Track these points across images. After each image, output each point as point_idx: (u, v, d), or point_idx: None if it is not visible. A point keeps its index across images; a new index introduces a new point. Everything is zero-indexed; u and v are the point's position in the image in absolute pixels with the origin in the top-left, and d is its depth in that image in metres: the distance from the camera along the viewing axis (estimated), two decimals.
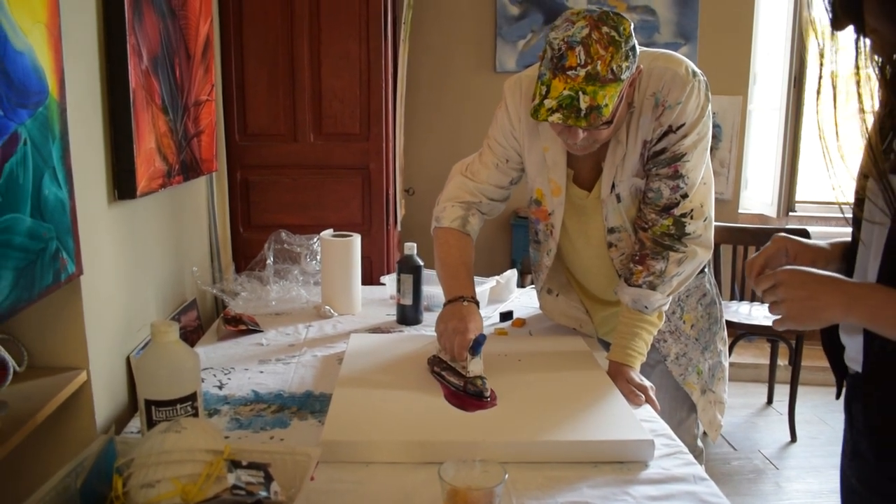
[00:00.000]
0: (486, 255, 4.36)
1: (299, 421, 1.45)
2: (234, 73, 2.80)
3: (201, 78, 2.20)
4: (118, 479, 1.02)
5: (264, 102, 2.84)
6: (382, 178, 2.93)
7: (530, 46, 4.21)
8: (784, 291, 1.10)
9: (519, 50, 4.21)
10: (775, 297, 1.11)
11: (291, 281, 2.34)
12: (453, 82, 4.29)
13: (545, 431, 1.34)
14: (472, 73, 4.28)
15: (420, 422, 1.38)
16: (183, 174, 2.02)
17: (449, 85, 4.30)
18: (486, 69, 4.27)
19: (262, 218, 2.89)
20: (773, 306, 1.12)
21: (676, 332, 1.82)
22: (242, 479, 1.00)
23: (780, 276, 1.11)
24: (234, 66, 2.80)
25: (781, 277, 1.11)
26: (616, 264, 1.76)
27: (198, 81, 2.16)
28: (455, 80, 4.29)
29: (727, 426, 3.58)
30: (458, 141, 4.27)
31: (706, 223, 1.65)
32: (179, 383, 1.20)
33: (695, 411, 1.84)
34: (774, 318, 1.13)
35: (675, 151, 1.59)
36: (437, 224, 1.83)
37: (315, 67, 2.83)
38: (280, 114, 2.86)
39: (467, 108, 4.28)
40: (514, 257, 4.28)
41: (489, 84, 4.24)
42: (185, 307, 2.14)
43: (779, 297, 1.10)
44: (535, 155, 1.75)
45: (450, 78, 4.29)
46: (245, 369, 1.73)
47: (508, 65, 4.22)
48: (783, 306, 1.10)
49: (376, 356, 1.72)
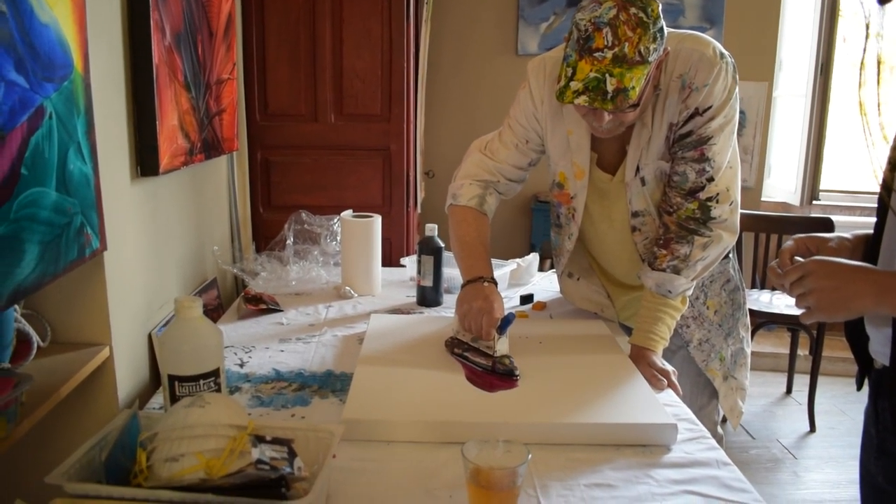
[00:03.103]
0: (505, 239, 4.35)
1: (320, 399, 1.46)
2: (255, 52, 2.80)
3: (223, 56, 2.19)
4: (142, 452, 1.03)
5: (285, 82, 2.84)
6: (403, 159, 2.92)
7: (553, 29, 4.18)
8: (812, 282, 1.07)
9: (541, 32, 4.18)
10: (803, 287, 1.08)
11: (311, 261, 2.35)
12: (474, 64, 4.27)
13: (568, 414, 1.34)
14: (493, 56, 4.25)
15: (442, 402, 1.38)
16: (205, 152, 2.03)
17: (470, 67, 4.27)
18: (507, 52, 4.24)
19: (282, 198, 2.90)
20: (801, 298, 1.09)
21: (700, 318, 1.80)
22: (267, 455, 1.00)
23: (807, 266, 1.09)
24: (256, 44, 2.80)
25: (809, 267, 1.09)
26: (640, 248, 1.75)
27: (220, 59, 2.16)
28: (476, 63, 4.27)
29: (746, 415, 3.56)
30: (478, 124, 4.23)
31: (732, 207, 1.63)
32: (203, 359, 1.20)
33: (716, 397, 1.83)
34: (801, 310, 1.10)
35: (702, 134, 1.57)
36: (453, 201, 1.83)
37: (337, 47, 2.82)
38: (301, 93, 2.85)
39: (488, 91, 4.26)
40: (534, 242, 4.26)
41: (511, 67, 4.21)
42: (206, 286, 2.15)
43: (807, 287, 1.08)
44: (558, 137, 1.73)
45: (471, 60, 4.27)
46: (266, 348, 1.73)
47: (530, 47, 4.18)
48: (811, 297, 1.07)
49: (397, 336, 1.72)
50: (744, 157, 4.35)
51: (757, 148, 4.38)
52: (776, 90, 4.41)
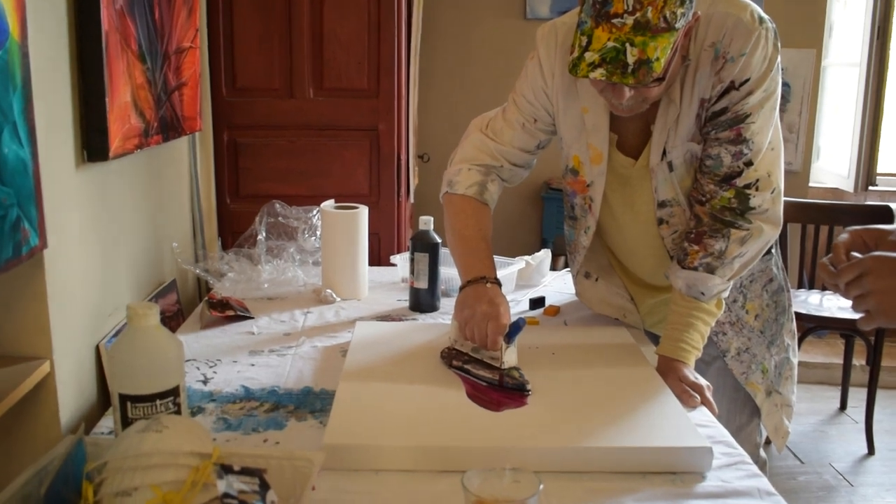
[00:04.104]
0: (511, 233, 4.35)
1: (297, 422, 1.45)
2: (221, 17, 2.79)
3: (184, 21, 2.19)
4: (88, 485, 1.02)
5: (256, 51, 2.83)
6: (393, 141, 2.92)
7: None
8: (872, 281, 1.07)
9: None
10: (861, 288, 1.08)
11: (287, 260, 2.34)
12: (477, 30, 4.26)
13: (585, 436, 1.34)
14: (498, 20, 4.25)
15: (439, 424, 1.37)
16: (162, 133, 2.02)
17: (472, 33, 4.26)
18: (514, 15, 4.23)
19: (252, 186, 2.89)
20: (859, 300, 1.09)
21: (738, 324, 1.80)
22: (234, 487, 1.00)
23: (866, 263, 1.09)
24: (222, 8, 2.79)
25: (868, 265, 1.08)
26: (667, 244, 1.75)
27: (180, 25, 2.15)
28: (479, 28, 4.26)
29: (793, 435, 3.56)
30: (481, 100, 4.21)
31: (774, 195, 1.63)
32: (160, 375, 1.20)
33: (757, 416, 1.83)
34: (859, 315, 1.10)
35: (738, 111, 1.57)
36: (449, 189, 1.83)
37: (316, 10, 2.82)
38: (274, 65, 2.84)
39: (492, 61, 4.25)
40: (546, 236, 4.26)
41: (518, 33, 4.20)
42: (164, 289, 2.14)
43: (866, 288, 1.08)
44: (571, 117, 1.73)
45: (473, 25, 4.26)
46: (233, 362, 1.73)
47: (541, 11, 4.18)
48: (871, 299, 1.07)
49: (386, 347, 1.72)
50: (789, 137, 4.35)
51: (803, 126, 4.38)
52: (825, 58, 4.41)
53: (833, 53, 4.49)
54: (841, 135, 4.56)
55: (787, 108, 4.33)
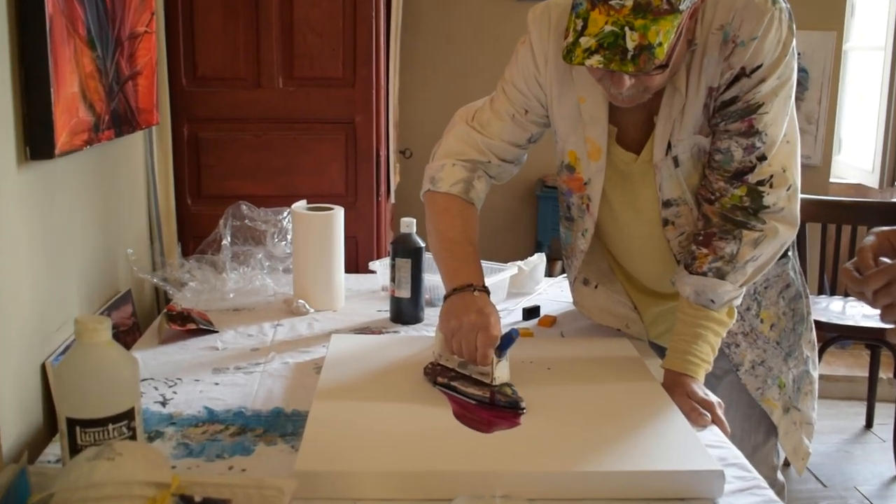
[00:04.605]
0: (502, 236, 4.35)
1: (266, 446, 1.45)
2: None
3: (138, 3, 2.18)
4: None
5: (219, 36, 2.83)
6: (372, 134, 2.92)
7: None
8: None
9: None
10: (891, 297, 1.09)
11: (254, 267, 2.34)
12: (463, 13, 4.27)
13: (584, 459, 1.34)
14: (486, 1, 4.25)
15: (423, 447, 1.37)
16: (114, 128, 2.02)
17: (457, 16, 4.27)
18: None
19: (216, 186, 2.89)
20: (888, 310, 1.10)
21: (752, 334, 1.81)
22: None
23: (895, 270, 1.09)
24: None
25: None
26: (674, 247, 1.76)
27: (133, 8, 2.15)
28: (465, 10, 4.27)
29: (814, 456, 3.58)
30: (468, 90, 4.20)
31: (790, 193, 1.64)
32: (112, 397, 1.19)
33: (774, 435, 1.84)
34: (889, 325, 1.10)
35: (750, 101, 1.58)
36: (432, 187, 1.83)
37: None
38: (239, 51, 2.84)
39: (480, 47, 4.26)
40: (541, 239, 4.27)
41: (508, 15, 4.21)
42: (117, 301, 2.14)
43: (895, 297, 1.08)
44: (567, 107, 1.74)
45: (458, 7, 4.26)
46: (195, 381, 1.73)
47: None
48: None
49: (365, 363, 1.72)
50: (807, 128, 4.37)
51: (823, 116, 4.40)
52: (847, 42, 4.43)
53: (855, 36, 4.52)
54: (864, 125, 4.58)
55: (804, 97, 4.36)
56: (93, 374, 1.19)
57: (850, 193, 4.47)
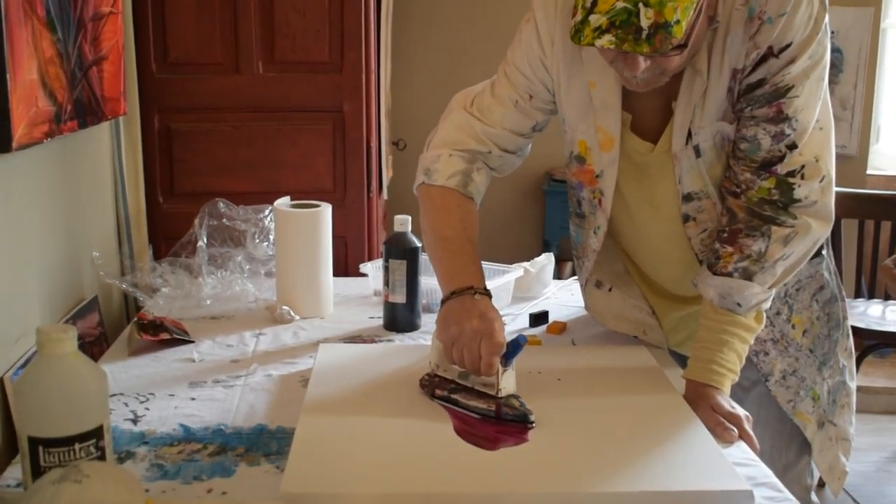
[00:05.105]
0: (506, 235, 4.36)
1: (248, 467, 1.45)
2: None
3: None
4: None
5: (193, 17, 2.83)
6: (362, 124, 2.92)
7: None
8: None
9: None
10: None
11: (234, 271, 2.34)
12: None
13: (598, 479, 1.34)
14: None
15: (421, 466, 1.37)
16: (78, 118, 2.02)
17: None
18: None
19: (190, 182, 2.89)
20: None
21: (783, 341, 1.81)
22: None
23: None
24: None
25: None
26: (695, 245, 1.76)
27: None
28: None
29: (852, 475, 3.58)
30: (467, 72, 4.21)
31: (823, 184, 1.64)
32: (79, 414, 1.19)
33: (808, 452, 1.85)
34: None
35: (779, 84, 1.58)
36: (427, 179, 1.83)
37: None
38: (215, 34, 2.84)
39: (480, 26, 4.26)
40: (548, 238, 4.27)
41: None
42: (83, 309, 2.14)
43: None
44: (576, 93, 1.74)
45: None
46: (169, 395, 1.72)
47: None
48: None
49: (356, 375, 1.72)
50: (842, 115, 4.37)
51: (859, 101, 4.40)
52: (886, 19, 4.44)
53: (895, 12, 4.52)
54: None
55: (838, 80, 4.36)
56: (57, 389, 1.18)
57: (890, 186, 4.47)
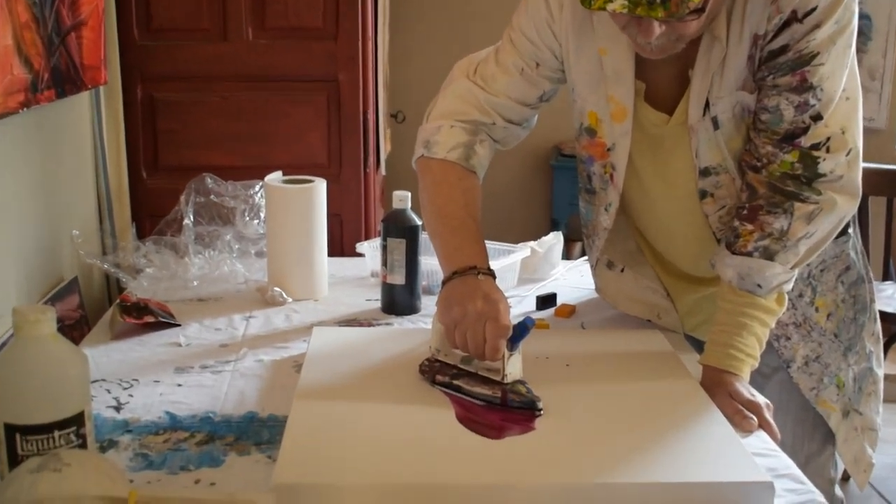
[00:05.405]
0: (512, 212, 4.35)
1: (238, 456, 1.45)
2: None
3: None
4: None
5: None
6: (358, 95, 2.92)
7: None
8: None
9: None
10: None
11: (222, 251, 2.34)
12: None
13: (609, 470, 1.34)
14: None
15: (420, 456, 1.38)
16: (56, 87, 2.01)
17: None
18: None
19: (176, 156, 2.89)
20: None
21: (805, 325, 1.81)
22: None
23: None
24: None
25: None
26: (713, 223, 1.76)
27: None
28: None
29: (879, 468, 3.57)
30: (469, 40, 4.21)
31: (850, 158, 1.64)
32: (58, 399, 1.19)
33: (832, 443, 1.85)
34: None
35: (803, 50, 1.57)
36: (426, 152, 1.82)
37: None
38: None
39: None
40: (557, 217, 4.27)
41: None
42: (62, 290, 2.14)
43: None
44: (586, 61, 1.73)
45: None
46: (154, 382, 1.73)
47: None
48: None
49: (352, 360, 1.72)
50: (870, 85, 4.36)
51: (889, 71, 4.39)
52: None
53: None
54: None
55: (867, 48, 4.35)
56: (35, 373, 1.18)
57: None
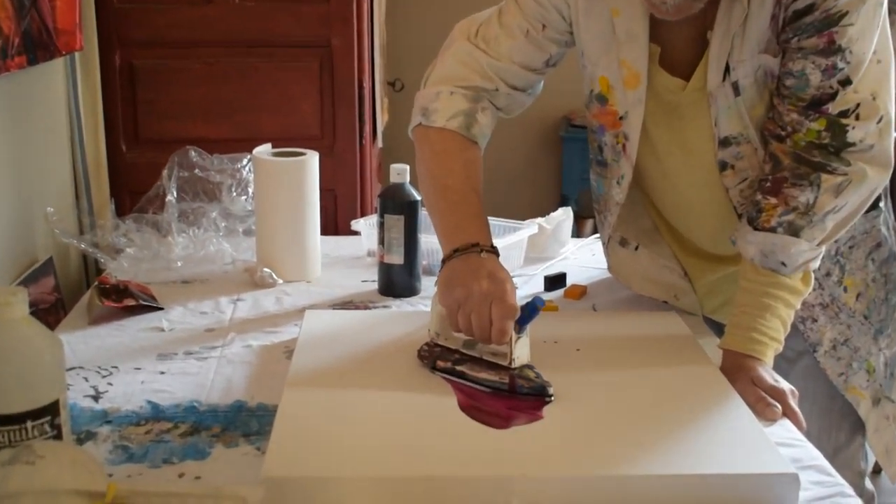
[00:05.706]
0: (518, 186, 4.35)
1: (225, 448, 1.45)
2: None
3: None
4: None
5: None
6: (353, 61, 2.92)
7: None
8: None
9: None
10: None
11: (207, 229, 2.34)
12: None
13: (623, 461, 1.34)
14: None
15: (420, 447, 1.38)
16: (27, 53, 2.01)
17: None
18: None
19: (157, 127, 2.89)
20: None
21: (833, 306, 1.81)
22: None
23: None
24: None
25: None
26: (734, 196, 1.76)
27: None
28: None
29: None
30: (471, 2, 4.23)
31: (882, 126, 1.63)
32: (31, 387, 1.19)
33: (861, 433, 1.85)
34: None
35: (830, 10, 1.57)
36: (424, 120, 1.82)
37: None
38: None
39: None
40: (566, 192, 4.27)
41: None
42: (36, 272, 2.14)
43: None
44: (596, 22, 1.73)
45: None
46: (135, 369, 1.73)
47: None
48: None
49: (346, 345, 1.72)
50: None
51: None
52: None
53: None
54: None
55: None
56: (6, 360, 1.18)
57: None
